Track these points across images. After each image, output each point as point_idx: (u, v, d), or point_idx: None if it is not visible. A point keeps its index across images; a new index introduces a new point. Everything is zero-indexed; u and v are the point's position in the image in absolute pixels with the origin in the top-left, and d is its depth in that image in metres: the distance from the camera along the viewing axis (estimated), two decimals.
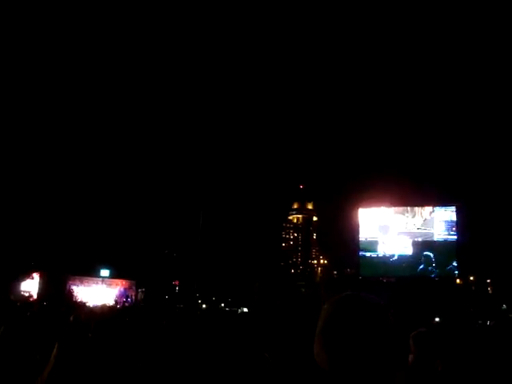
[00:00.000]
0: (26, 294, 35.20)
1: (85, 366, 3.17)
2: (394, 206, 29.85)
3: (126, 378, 3.44)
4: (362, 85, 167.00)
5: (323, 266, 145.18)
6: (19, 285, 37.64)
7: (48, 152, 74.30)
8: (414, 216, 28.82)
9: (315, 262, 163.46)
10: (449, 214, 28.82)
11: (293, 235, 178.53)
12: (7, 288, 34.19)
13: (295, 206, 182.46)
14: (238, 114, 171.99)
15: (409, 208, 29.23)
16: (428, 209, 29.11)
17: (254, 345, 5.16)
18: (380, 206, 30.45)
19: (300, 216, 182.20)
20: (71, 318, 8.59)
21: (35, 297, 32.81)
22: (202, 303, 63.05)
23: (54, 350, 3.17)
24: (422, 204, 29.91)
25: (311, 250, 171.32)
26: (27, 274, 38.59)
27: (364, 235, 29.34)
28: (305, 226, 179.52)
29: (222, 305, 71.25)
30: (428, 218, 28.69)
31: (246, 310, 52.23)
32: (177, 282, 64.57)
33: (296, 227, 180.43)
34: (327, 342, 1.27)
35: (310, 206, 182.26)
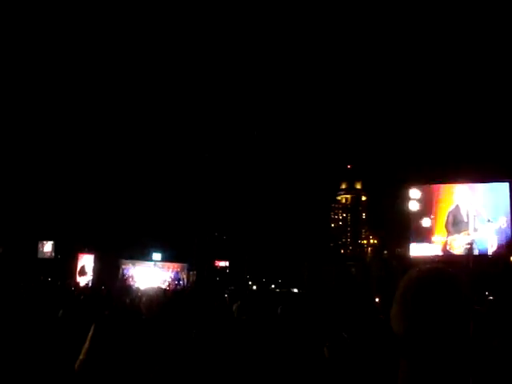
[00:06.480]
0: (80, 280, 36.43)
1: (121, 348, 3.21)
2: (445, 182, 29.15)
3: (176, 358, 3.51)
4: (404, 60, 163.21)
5: (373, 245, 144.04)
6: (74, 270, 38.87)
7: (94, 137, 75.91)
8: (472, 192, 27.86)
9: (365, 241, 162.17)
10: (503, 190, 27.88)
11: (342, 215, 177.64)
12: (64, 273, 35.41)
13: (343, 186, 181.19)
14: (287, 98, 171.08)
15: (466, 184, 28.25)
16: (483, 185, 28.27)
17: (329, 325, 5.19)
18: (431, 183, 29.80)
19: (349, 196, 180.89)
20: (127, 301, 8.83)
21: (82, 282, 33.93)
22: (252, 284, 63.70)
23: (90, 332, 3.23)
24: (473, 180, 29.09)
25: (361, 229, 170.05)
26: (79, 259, 39.69)
27: (415, 213, 28.71)
28: (354, 206, 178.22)
29: (273, 286, 71.85)
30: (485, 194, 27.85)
31: (295, 290, 52.48)
32: (219, 264, 65.00)
33: (345, 207, 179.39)
34: (406, 308, 1.33)
35: (358, 186, 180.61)
